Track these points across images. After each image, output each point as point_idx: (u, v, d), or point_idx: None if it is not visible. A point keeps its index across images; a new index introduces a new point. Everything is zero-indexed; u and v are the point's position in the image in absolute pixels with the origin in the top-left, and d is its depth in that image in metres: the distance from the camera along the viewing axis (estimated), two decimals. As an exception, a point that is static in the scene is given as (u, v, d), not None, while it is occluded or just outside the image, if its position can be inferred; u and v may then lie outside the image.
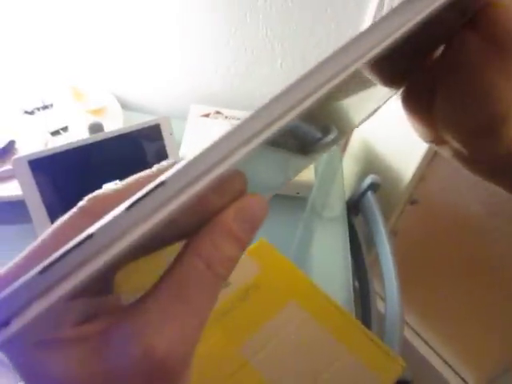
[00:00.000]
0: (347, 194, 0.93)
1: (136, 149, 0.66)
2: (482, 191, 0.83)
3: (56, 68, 0.94)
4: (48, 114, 0.84)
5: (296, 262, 0.58)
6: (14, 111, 0.83)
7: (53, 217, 0.59)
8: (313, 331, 0.50)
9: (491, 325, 0.95)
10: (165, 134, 0.66)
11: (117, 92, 0.95)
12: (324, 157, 0.98)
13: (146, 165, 0.67)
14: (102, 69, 0.95)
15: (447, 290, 1.00)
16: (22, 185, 0.57)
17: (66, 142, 0.60)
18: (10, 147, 0.75)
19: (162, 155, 0.67)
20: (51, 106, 0.86)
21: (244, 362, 0.46)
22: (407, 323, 1.09)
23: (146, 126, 0.65)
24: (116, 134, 0.63)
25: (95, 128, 0.68)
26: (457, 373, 1.02)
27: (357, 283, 0.88)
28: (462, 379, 1.01)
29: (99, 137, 0.62)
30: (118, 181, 0.61)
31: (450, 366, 1.03)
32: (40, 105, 0.85)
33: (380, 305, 0.83)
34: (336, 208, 0.85)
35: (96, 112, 0.85)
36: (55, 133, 0.80)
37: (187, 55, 0.93)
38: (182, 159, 0.16)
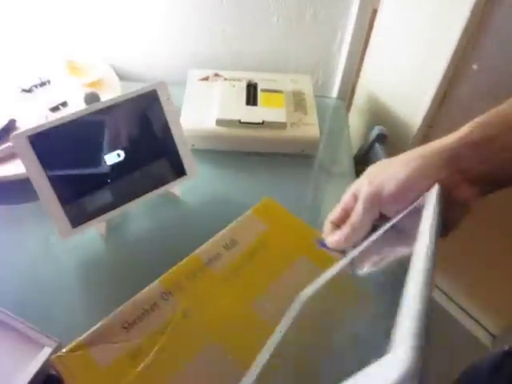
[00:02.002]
0: (355, 148, 0.92)
1: (135, 117, 0.65)
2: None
3: (50, 43, 0.92)
4: (46, 90, 0.84)
5: (305, 220, 0.58)
6: (12, 90, 0.82)
7: (58, 191, 0.59)
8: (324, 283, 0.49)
9: (510, 273, 0.94)
10: (162, 99, 0.65)
11: (114, 63, 0.94)
12: (329, 112, 0.96)
13: (147, 132, 0.66)
14: (97, 41, 0.93)
15: (464, 241, 0.99)
16: (23, 161, 0.57)
17: (63, 115, 0.59)
18: (11, 126, 0.75)
19: (161, 121, 0.66)
20: (48, 82, 0.85)
21: (256, 318, 0.46)
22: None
23: (143, 92, 0.64)
24: (113, 103, 0.62)
25: (91, 98, 0.67)
26: (477, 321, 1.02)
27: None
28: (483, 327, 1.01)
29: (96, 107, 0.61)
30: (119, 150, 0.61)
31: (469, 315, 1.03)
32: (37, 82, 0.84)
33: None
34: (344, 163, 0.84)
35: (94, 85, 0.84)
36: (55, 109, 0.80)
37: (180, 20, 0.90)
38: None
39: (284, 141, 0.79)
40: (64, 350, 0.43)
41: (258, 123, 0.77)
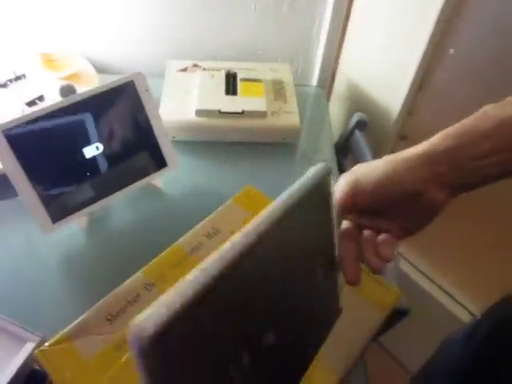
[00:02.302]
0: (336, 136, 0.92)
1: (113, 108, 0.64)
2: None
3: (24, 37, 0.90)
4: (21, 84, 0.82)
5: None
6: (-14, 85, 0.81)
7: (37, 186, 0.58)
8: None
9: (488, 253, 0.96)
10: (140, 90, 0.65)
11: (91, 57, 0.92)
12: (310, 101, 0.96)
13: (125, 124, 0.65)
14: (73, 34, 0.92)
15: (444, 222, 1.01)
16: (0, 157, 0.56)
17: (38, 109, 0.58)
18: (-14, 122, 0.73)
19: (140, 113, 0.66)
20: (24, 76, 0.83)
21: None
22: (406, 258, 1.11)
23: (120, 83, 0.63)
24: (89, 95, 0.61)
25: (67, 90, 0.66)
26: (457, 301, 1.04)
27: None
28: (463, 306, 1.03)
29: (72, 99, 0.60)
30: (98, 143, 0.60)
31: (450, 296, 1.05)
32: (12, 76, 0.82)
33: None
34: (325, 151, 0.84)
35: (70, 78, 0.83)
36: (31, 103, 0.78)
37: (158, 10, 0.89)
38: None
39: (265, 130, 0.79)
40: (47, 344, 0.43)
41: (238, 113, 0.77)
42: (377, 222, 0.41)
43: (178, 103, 0.79)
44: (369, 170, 0.40)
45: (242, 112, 0.77)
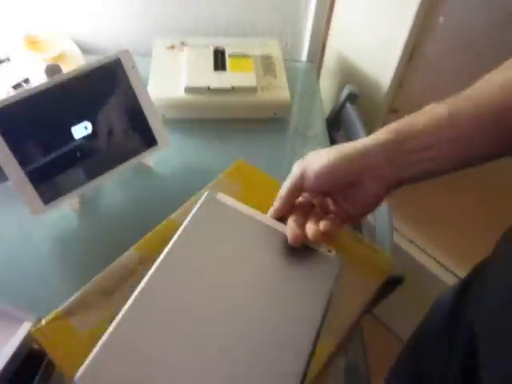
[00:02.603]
0: (327, 111, 0.92)
1: (100, 87, 0.63)
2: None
3: (6, 19, 0.89)
4: (6, 68, 0.81)
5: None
6: (-30, 69, 0.79)
7: (26, 168, 0.58)
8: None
9: (478, 223, 0.97)
10: (127, 68, 0.64)
11: (75, 37, 0.91)
12: (300, 76, 0.95)
13: (113, 102, 0.65)
14: (57, 14, 0.90)
15: (435, 194, 1.01)
16: (-14, 139, 0.55)
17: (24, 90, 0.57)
18: (-29, 106, 0.72)
19: (128, 91, 0.65)
20: (8, 59, 0.82)
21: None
22: (399, 231, 1.11)
23: (106, 61, 0.62)
24: (75, 74, 0.60)
25: (52, 70, 0.65)
26: (448, 269, 1.05)
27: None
28: (455, 274, 1.05)
29: (58, 78, 0.59)
30: (86, 123, 0.59)
31: (441, 265, 1.07)
32: (-4, 60, 0.81)
33: (369, 217, 0.84)
34: (317, 126, 0.83)
35: (56, 59, 0.82)
36: (17, 86, 0.77)
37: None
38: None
39: (255, 105, 0.78)
40: (43, 322, 0.43)
41: (228, 89, 0.76)
42: (326, 204, 0.48)
43: (167, 81, 0.78)
44: (317, 158, 0.45)
45: (232, 88, 0.76)
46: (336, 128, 0.89)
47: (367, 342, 0.66)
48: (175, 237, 0.45)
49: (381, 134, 0.43)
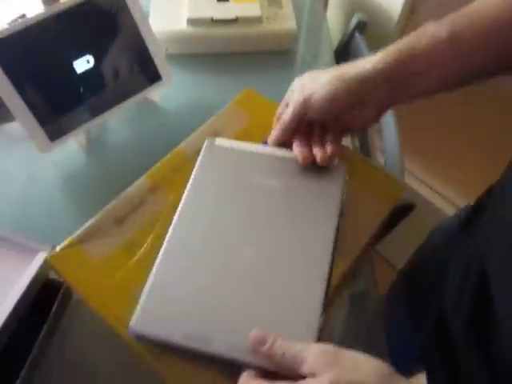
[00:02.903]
0: (335, 42, 0.88)
1: (100, 18, 0.60)
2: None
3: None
4: (2, 4, 0.78)
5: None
6: (-35, 7, 0.77)
7: (31, 105, 0.57)
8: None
9: (482, 159, 0.96)
10: (127, -2, 0.61)
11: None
12: (306, 7, 0.91)
13: (115, 35, 0.62)
14: None
15: (444, 131, 0.99)
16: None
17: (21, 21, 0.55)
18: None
19: (129, 23, 0.62)
20: (3, -4, 0.79)
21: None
22: (408, 170, 1.10)
23: (105, -10, 0.59)
24: (74, 3, 0.57)
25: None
26: (454, 203, 1.05)
27: (357, 141, 0.86)
28: (452, 203, 1.05)
29: (56, 8, 0.57)
30: (88, 56, 0.57)
31: (438, 193, 1.07)
32: (-10, -3, 0.78)
33: (381, 160, 0.83)
34: (325, 57, 0.81)
35: (52, -6, 0.78)
36: (13, 22, 0.74)
37: None
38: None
39: (260, 36, 0.75)
40: (58, 249, 0.43)
41: (232, 20, 0.73)
42: (324, 123, 0.49)
43: (169, 13, 0.75)
44: (318, 85, 0.46)
45: (236, 19, 0.73)
46: (344, 59, 0.85)
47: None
48: (187, 188, 0.46)
49: (381, 58, 0.44)
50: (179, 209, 0.44)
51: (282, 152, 0.49)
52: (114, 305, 0.40)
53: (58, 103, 0.60)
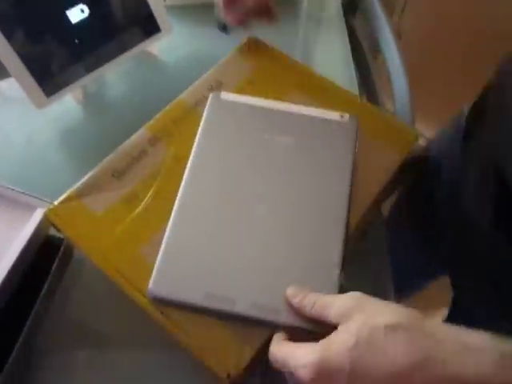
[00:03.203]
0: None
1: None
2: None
3: None
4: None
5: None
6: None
7: (25, 59, 0.54)
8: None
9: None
10: None
11: None
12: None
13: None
14: None
15: (458, 93, 0.96)
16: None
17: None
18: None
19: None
20: None
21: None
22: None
23: None
24: None
25: None
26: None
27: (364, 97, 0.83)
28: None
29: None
30: (82, 5, 0.54)
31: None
32: None
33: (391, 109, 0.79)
34: (331, 9, 0.77)
35: None
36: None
37: None
38: None
39: (264, -15, 0.71)
40: (56, 203, 0.42)
41: (234, -33, 0.69)
42: None
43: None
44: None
45: (238, -34, 0.69)
46: (352, 11, 0.82)
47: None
48: (195, 145, 0.43)
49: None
50: (188, 168, 0.42)
51: (289, 106, 0.46)
52: (116, 259, 0.39)
53: (52, 57, 0.57)
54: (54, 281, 0.47)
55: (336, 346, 0.29)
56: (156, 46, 0.65)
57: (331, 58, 0.71)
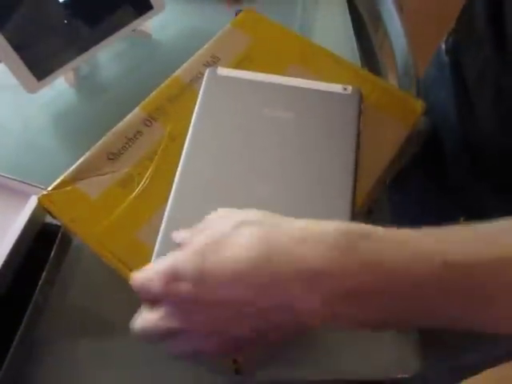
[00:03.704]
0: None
1: None
2: None
3: None
4: None
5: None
6: None
7: (13, 42, 0.52)
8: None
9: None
10: None
11: None
12: None
13: None
14: None
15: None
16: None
17: None
18: None
19: None
20: None
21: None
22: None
23: None
24: None
25: None
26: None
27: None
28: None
29: None
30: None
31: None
32: None
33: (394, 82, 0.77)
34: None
35: None
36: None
37: None
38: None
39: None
40: (49, 189, 0.40)
41: None
42: None
43: None
44: None
45: None
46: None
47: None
48: (192, 124, 0.41)
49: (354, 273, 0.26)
50: (185, 146, 0.40)
51: (289, 80, 0.44)
52: (113, 244, 0.37)
53: (41, 39, 0.55)
54: (53, 269, 0.46)
55: (184, 252, 0.27)
56: (149, 24, 0.63)
57: (331, 31, 0.69)
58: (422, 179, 0.62)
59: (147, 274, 0.28)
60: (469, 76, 0.49)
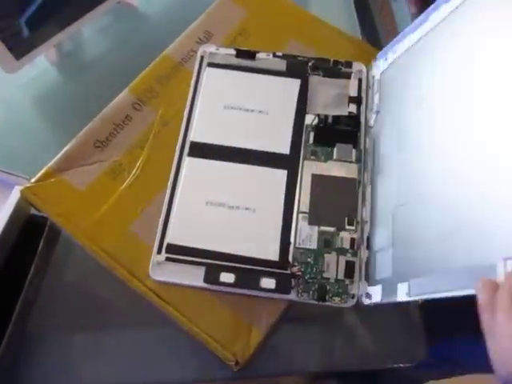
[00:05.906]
0: None
1: None
2: None
3: None
4: None
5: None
6: None
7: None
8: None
9: None
10: None
11: None
12: None
13: None
14: None
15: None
16: None
17: None
18: None
19: None
20: None
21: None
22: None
23: None
24: None
25: None
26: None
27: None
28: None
29: None
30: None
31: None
32: None
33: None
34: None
35: None
36: None
37: None
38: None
39: None
40: (33, 181, 0.37)
41: None
42: None
43: None
44: None
45: None
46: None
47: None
48: (187, 106, 0.40)
49: None
50: (180, 136, 0.38)
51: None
52: (104, 240, 0.35)
53: (18, 14, 0.51)
54: (42, 261, 0.44)
55: None
56: (134, -3, 0.59)
57: (330, 3, 0.65)
58: None
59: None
60: None
